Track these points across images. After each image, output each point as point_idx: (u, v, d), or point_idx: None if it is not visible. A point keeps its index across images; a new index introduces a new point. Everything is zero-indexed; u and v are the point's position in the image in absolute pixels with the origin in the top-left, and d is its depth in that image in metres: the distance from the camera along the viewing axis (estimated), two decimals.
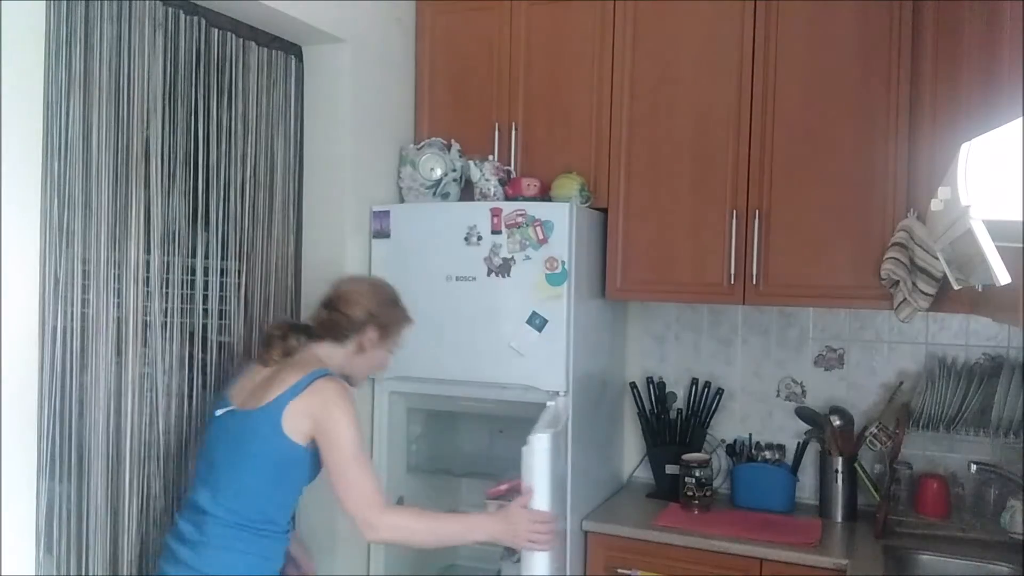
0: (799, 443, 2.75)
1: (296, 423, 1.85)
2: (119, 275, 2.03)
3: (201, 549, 1.84)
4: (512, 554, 2.06)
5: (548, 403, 2.10)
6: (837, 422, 2.60)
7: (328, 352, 2.04)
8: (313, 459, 1.90)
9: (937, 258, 1.67)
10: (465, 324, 2.56)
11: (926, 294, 2.18)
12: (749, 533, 2.41)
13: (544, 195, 2.65)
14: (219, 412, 1.95)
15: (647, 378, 2.98)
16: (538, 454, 1.93)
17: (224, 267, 2.37)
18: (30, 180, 1.76)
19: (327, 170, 2.65)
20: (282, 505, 1.94)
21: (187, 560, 1.85)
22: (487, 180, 2.66)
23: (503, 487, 2.06)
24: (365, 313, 2.06)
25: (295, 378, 1.89)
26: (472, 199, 2.69)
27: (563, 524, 2.37)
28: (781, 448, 2.80)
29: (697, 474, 2.64)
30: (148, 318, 2.11)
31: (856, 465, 2.61)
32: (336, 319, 2.06)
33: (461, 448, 3.01)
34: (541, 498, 1.92)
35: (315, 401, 1.86)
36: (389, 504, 2.06)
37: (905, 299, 2.24)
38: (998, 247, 1.02)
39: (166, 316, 2.16)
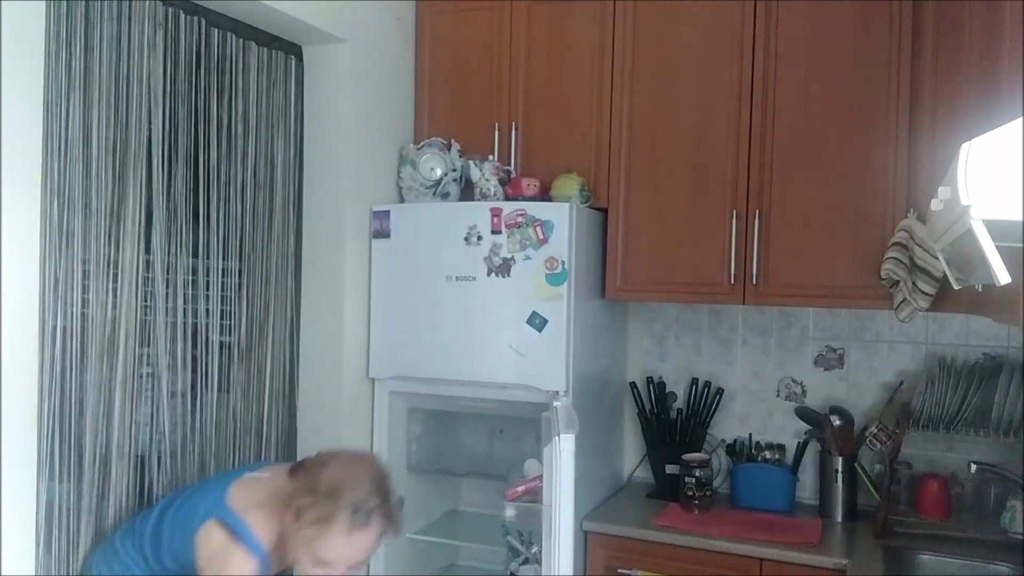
0: (799, 443, 2.75)
1: None
2: (119, 275, 2.03)
3: None
4: (517, 555, 2.03)
5: (555, 403, 2.05)
6: (837, 422, 2.60)
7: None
8: None
9: (937, 258, 1.66)
10: (465, 324, 2.56)
11: (926, 294, 2.18)
12: (749, 533, 2.41)
13: (544, 195, 2.65)
14: None
15: (647, 378, 2.97)
16: (565, 455, 1.77)
17: (224, 267, 2.37)
18: (30, 180, 1.77)
19: (327, 170, 2.65)
20: None
21: None
22: (487, 180, 2.66)
23: (520, 488, 1.97)
24: (311, 483, 1.71)
25: None
26: (472, 199, 2.69)
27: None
28: (781, 448, 2.80)
29: (697, 474, 2.64)
30: (148, 318, 2.11)
31: (856, 465, 2.61)
32: (300, 473, 1.79)
33: (461, 448, 3.01)
34: (567, 501, 1.80)
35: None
36: None
37: (905, 299, 2.23)
38: (998, 247, 1.01)
39: (166, 316, 2.16)
